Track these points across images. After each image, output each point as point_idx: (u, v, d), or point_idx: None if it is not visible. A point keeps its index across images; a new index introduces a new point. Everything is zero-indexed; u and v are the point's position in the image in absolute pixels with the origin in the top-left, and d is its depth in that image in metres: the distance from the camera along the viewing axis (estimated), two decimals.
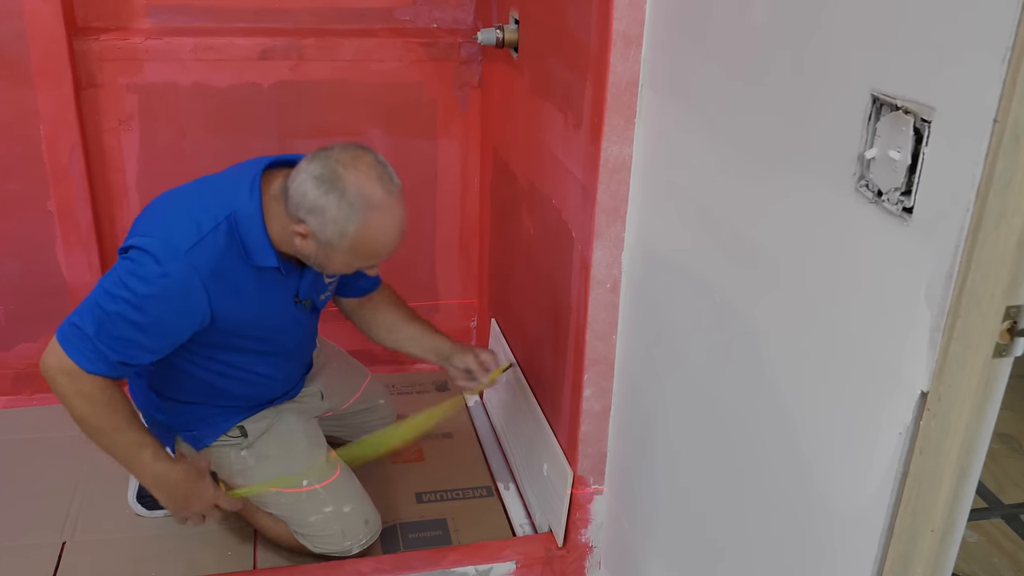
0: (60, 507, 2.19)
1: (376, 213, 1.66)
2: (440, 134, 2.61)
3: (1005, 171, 0.85)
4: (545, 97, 1.98)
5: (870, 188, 1.02)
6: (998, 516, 2.27)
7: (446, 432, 2.54)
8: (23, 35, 2.22)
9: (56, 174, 2.36)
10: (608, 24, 1.58)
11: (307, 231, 1.66)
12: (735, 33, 1.31)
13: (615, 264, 1.76)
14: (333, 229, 1.64)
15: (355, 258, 1.72)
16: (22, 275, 2.45)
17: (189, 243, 1.66)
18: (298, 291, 1.87)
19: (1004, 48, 0.83)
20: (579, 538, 2.00)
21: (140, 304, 1.64)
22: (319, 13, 2.45)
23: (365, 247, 1.69)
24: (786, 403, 1.24)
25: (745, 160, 1.31)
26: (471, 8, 2.53)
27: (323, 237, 1.66)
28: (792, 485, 1.24)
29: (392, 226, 1.70)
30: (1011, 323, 0.91)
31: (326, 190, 1.62)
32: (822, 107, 1.11)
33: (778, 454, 1.27)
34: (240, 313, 1.78)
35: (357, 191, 1.63)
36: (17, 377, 2.57)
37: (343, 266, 1.76)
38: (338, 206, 1.63)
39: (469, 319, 2.86)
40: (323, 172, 1.63)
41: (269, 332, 1.89)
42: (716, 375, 1.44)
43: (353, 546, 2.01)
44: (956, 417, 0.96)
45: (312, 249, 1.70)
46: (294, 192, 1.66)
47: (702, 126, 1.43)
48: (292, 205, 1.66)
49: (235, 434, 1.99)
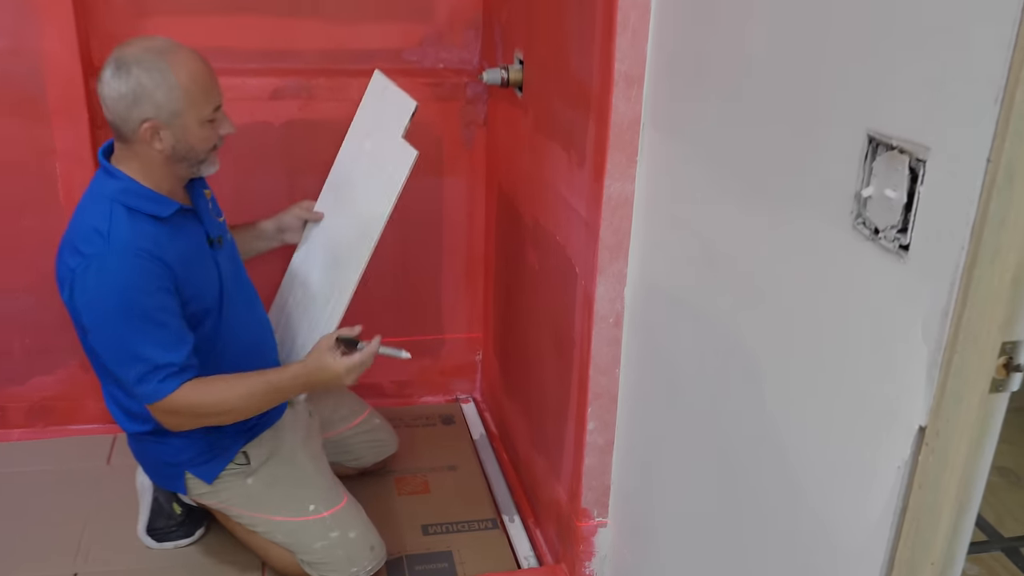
0: (72, 538, 2.18)
1: (173, 52, 1.72)
2: (446, 171, 2.62)
3: (999, 209, 0.86)
4: (549, 135, 2.00)
5: (867, 226, 1.02)
6: (998, 549, 2.25)
7: (451, 465, 2.53)
8: (40, 75, 2.25)
9: (71, 210, 2.36)
10: (610, 65, 1.60)
11: (151, 121, 1.71)
12: (734, 74, 1.32)
13: (618, 299, 1.76)
14: (162, 94, 1.69)
15: (199, 104, 1.74)
16: (37, 310, 2.45)
17: (105, 236, 1.71)
18: (207, 232, 1.90)
19: (996, 90, 0.83)
20: (584, 570, 1.98)
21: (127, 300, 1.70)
22: (329, 54, 2.47)
23: (195, 84, 1.73)
24: (786, 437, 1.23)
25: (745, 198, 1.31)
26: (476, 49, 2.55)
27: (164, 110, 1.71)
28: (793, 518, 1.23)
29: (193, 53, 1.75)
30: (1007, 358, 0.91)
31: (124, 77, 1.68)
32: (820, 146, 1.12)
33: (779, 488, 1.26)
34: (181, 271, 1.79)
35: (143, 53, 1.70)
36: (31, 410, 2.57)
37: (198, 123, 1.76)
38: (146, 75, 1.68)
39: (474, 353, 2.85)
40: (113, 73, 1.69)
41: (211, 285, 1.89)
42: (717, 409, 1.44)
43: (359, 572, 2.00)
44: (954, 452, 0.95)
45: (167, 135, 1.73)
46: (114, 110, 1.71)
47: (703, 164, 1.44)
48: (123, 121, 1.72)
49: (240, 461, 1.99)
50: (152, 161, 1.77)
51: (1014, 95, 0.82)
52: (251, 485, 2.00)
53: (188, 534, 2.17)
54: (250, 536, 2.06)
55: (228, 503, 2.01)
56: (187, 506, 2.16)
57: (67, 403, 2.57)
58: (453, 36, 2.52)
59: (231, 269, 1.97)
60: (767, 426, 1.28)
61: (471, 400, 2.88)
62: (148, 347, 1.72)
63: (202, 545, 2.18)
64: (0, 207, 2.36)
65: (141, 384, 1.74)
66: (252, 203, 2.34)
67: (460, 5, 2.49)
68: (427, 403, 2.85)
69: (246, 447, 1.99)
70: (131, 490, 2.24)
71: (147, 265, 1.71)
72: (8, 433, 2.56)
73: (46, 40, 2.23)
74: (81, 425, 2.60)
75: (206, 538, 2.20)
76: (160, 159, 1.76)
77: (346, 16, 2.44)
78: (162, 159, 1.76)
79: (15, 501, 2.30)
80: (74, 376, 2.54)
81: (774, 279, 1.24)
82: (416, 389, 2.86)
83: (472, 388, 2.91)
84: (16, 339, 2.49)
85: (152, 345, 1.72)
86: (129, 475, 2.28)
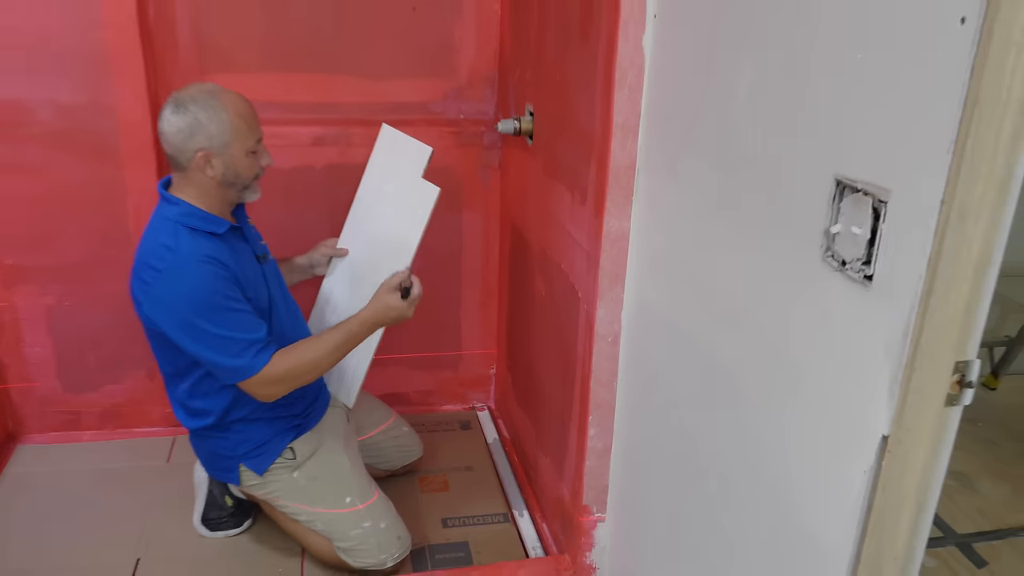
0: (135, 528, 2.18)
1: (222, 93, 1.77)
2: (465, 208, 2.63)
3: (952, 245, 0.85)
4: (555, 178, 2.00)
5: (835, 258, 1.02)
6: (952, 544, 2.22)
7: (468, 466, 2.52)
8: (116, 125, 2.27)
9: None
10: (609, 117, 1.60)
11: (204, 151, 1.74)
12: (718, 124, 1.32)
13: (616, 321, 1.75)
14: (214, 126, 1.73)
15: (244, 136, 1.78)
16: (109, 326, 2.47)
17: (173, 249, 1.74)
18: (253, 249, 1.92)
19: (949, 141, 0.83)
20: (585, 560, 1.97)
21: (204, 297, 1.72)
22: (365, 106, 2.49)
23: (241, 118, 1.77)
24: (765, 444, 1.22)
25: (727, 233, 1.31)
26: (492, 102, 2.56)
27: (216, 140, 1.74)
28: (771, 516, 1.21)
29: (238, 94, 1.80)
30: (960, 376, 0.90)
31: (182, 114, 1.73)
32: (793, 188, 1.11)
33: (758, 489, 1.25)
34: (240, 276, 1.81)
35: (198, 94, 1.75)
36: (103, 414, 2.57)
37: (244, 153, 1.79)
38: (201, 111, 1.73)
39: (489, 367, 2.85)
40: (172, 111, 1.73)
41: (261, 295, 1.89)
42: (703, 418, 1.43)
43: (387, 559, 1.99)
44: (914, 458, 0.94)
45: (218, 162, 1.76)
46: (173, 143, 1.75)
47: (690, 203, 1.44)
48: (180, 152, 1.75)
49: (287, 456, 1.99)
50: (206, 187, 1.79)
51: (964, 145, 0.82)
52: (296, 478, 1.99)
53: (237, 524, 2.17)
54: (292, 525, 2.05)
55: (275, 494, 2.01)
56: (237, 499, 2.16)
57: (133, 409, 2.58)
58: (472, 91, 2.54)
59: (276, 283, 1.99)
60: (748, 435, 1.27)
61: (486, 408, 2.87)
62: (234, 330, 1.74)
63: (249, 534, 2.18)
64: (80, 238, 2.38)
65: (239, 359, 1.75)
66: (298, 235, 2.35)
67: (479, 64, 2.51)
68: (447, 411, 2.85)
69: (293, 444, 1.99)
70: (188, 485, 2.24)
71: (214, 268, 1.74)
72: (82, 435, 2.56)
73: (121, 95, 2.25)
74: (145, 428, 2.60)
75: (253, 528, 2.19)
76: (212, 184, 1.79)
77: (380, 73, 2.46)
78: (214, 184, 1.79)
79: (87, 494, 2.30)
80: (140, 385, 2.55)
81: (753, 305, 1.24)
82: (437, 398, 2.85)
83: (487, 398, 2.90)
84: (91, 353, 2.50)
85: (236, 328, 1.75)
86: (187, 472, 2.29)
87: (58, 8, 2.17)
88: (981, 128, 0.81)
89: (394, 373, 2.73)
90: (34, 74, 2.22)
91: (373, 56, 2.45)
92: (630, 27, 1.53)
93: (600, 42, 1.62)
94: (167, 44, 2.31)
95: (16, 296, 2.41)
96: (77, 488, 2.33)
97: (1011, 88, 0.79)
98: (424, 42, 2.46)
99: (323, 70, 2.43)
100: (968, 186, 0.83)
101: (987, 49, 0.79)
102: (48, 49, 2.20)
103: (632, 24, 1.53)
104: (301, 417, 2.01)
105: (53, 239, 2.37)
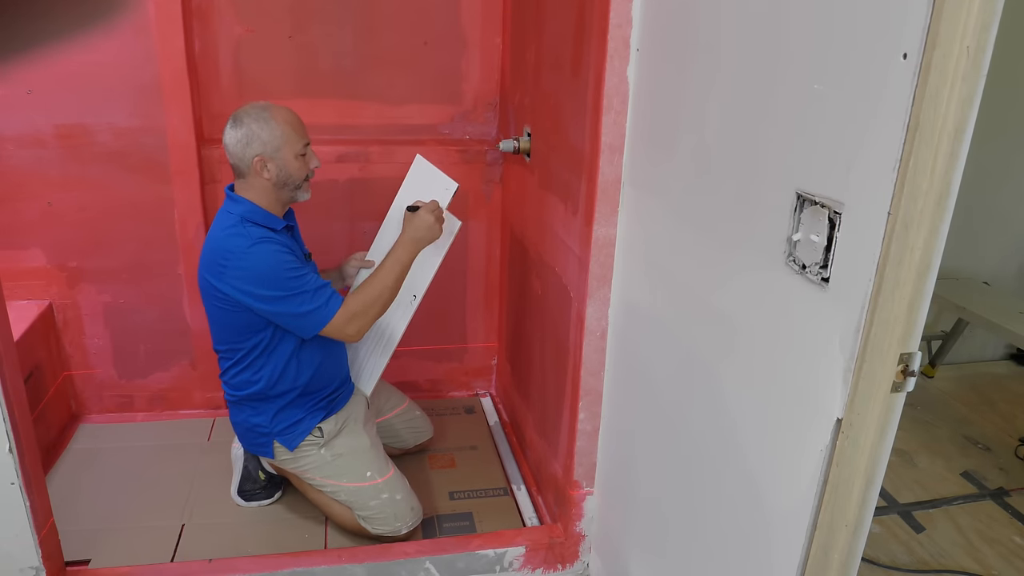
0: (180, 498, 2.18)
1: (272, 107, 1.82)
2: (470, 217, 2.63)
3: (897, 251, 0.86)
4: (550, 190, 2.00)
5: (796, 263, 1.03)
6: (895, 513, 2.23)
7: (472, 446, 2.52)
8: (165, 145, 2.28)
9: (185, 247, 2.40)
10: (598, 138, 1.60)
11: (260, 157, 1.79)
12: (693, 144, 1.33)
13: (603, 318, 1.76)
14: (267, 133, 1.78)
15: (293, 141, 1.81)
16: (157, 321, 2.47)
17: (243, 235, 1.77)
18: (302, 247, 1.97)
19: (894, 160, 0.84)
20: (575, 529, 1.97)
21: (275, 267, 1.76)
22: (382, 128, 2.49)
23: (289, 126, 1.81)
24: (735, 426, 1.23)
25: (701, 240, 1.31)
26: (494, 124, 2.57)
27: (270, 146, 1.79)
28: (740, 490, 1.22)
29: (286, 107, 1.84)
30: (904, 366, 0.91)
31: (239, 127, 1.78)
32: (760, 201, 1.12)
33: (728, 465, 1.25)
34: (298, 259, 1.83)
35: (251, 109, 1.81)
36: (152, 398, 2.57)
37: (294, 155, 1.82)
38: (255, 123, 1.78)
39: (491, 358, 2.85)
40: (232, 126, 1.79)
41: None
42: (680, 404, 1.43)
43: (402, 527, 1.99)
44: (864, 438, 0.95)
45: (272, 166, 1.80)
46: (234, 152, 1.80)
47: (669, 214, 1.44)
48: (240, 160, 1.80)
49: (316, 434, 1.99)
50: (263, 189, 1.83)
51: (908, 164, 0.83)
52: (323, 454, 2.00)
53: (269, 496, 2.17)
54: (317, 495, 2.05)
55: (304, 468, 2.01)
56: (269, 474, 2.16)
57: (178, 393, 2.58)
58: (477, 114, 2.54)
59: None
60: (719, 417, 1.27)
61: (488, 395, 2.87)
62: (304, 285, 1.78)
63: (279, 504, 2.18)
64: (133, 244, 2.38)
65: (314, 303, 1.79)
66: (324, 241, 2.35)
67: (482, 91, 2.51)
68: (454, 397, 2.84)
69: (321, 424, 1.99)
70: (226, 461, 2.24)
71: (277, 247, 1.78)
72: (134, 416, 2.56)
73: (170, 120, 2.25)
74: (189, 410, 2.60)
75: (282, 499, 2.19)
76: (268, 186, 1.82)
77: (396, 99, 2.47)
78: (270, 186, 1.82)
79: (139, 467, 2.30)
80: (184, 373, 2.55)
81: (725, 304, 1.24)
82: (445, 386, 2.85)
83: (489, 386, 2.90)
84: (141, 344, 2.50)
85: (305, 284, 1.79)
86: (225, 450, 2.29)
87: (118, 45, 2.17)
88: (921, 150, 0.82)
89: (407, 363, 2.74)
90: (97, 102, 2.22)
91: (389, 84, 2.45)
92: (615, 60, 1.54)
93: (590, 72, 1.62)
94: (210, 75, 2.32)
95: (79, 294, 2.41)
96: (130, 462, 2.33)
97: (947, 115, 0.80)
98: (434, 72, 2.46)
99: (346, 96, 2.43)
100: (911, 200, 0.84)
101: (926, 80, 0.80)
102: (109, 80, 2.20)
103: (617, 57, 1.54)
104: (329, 400, 2.01)
105: (110, 244, 2.37)
